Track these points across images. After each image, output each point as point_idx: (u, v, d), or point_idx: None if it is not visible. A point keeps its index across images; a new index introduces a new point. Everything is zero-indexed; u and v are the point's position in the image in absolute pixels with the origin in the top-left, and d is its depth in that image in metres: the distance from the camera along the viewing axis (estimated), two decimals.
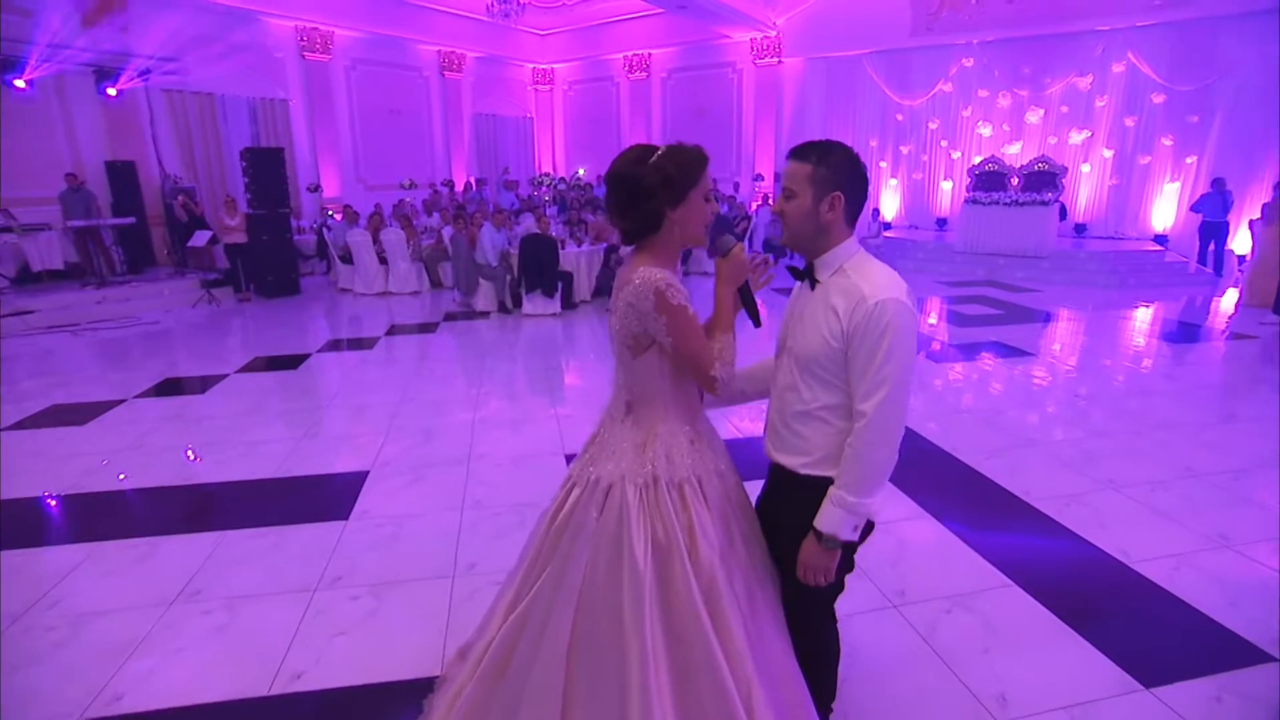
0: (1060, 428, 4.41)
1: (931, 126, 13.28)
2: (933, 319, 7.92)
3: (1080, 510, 3.27)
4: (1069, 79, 11.76)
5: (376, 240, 9.52)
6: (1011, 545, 2.99)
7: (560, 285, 8.03)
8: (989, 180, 11.31)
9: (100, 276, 9.00)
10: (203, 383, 5.57)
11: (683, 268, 1.37)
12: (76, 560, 2.92)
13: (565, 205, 12.85)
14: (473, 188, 13.89)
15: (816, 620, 1.67)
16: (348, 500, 3.45)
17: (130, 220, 9.60)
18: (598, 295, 8.77)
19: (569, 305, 8.33)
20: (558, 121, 17.66)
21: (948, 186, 13.39)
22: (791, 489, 1.56)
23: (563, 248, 8.24)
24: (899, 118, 13.57)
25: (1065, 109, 11.99)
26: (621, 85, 16.23)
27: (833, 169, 1.43)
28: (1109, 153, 11.86)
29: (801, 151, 1.47)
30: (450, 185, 13.80)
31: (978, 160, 11.98)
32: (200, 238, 9.30)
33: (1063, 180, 11.05)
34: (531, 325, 7.69)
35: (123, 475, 3.80)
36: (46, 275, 9.03)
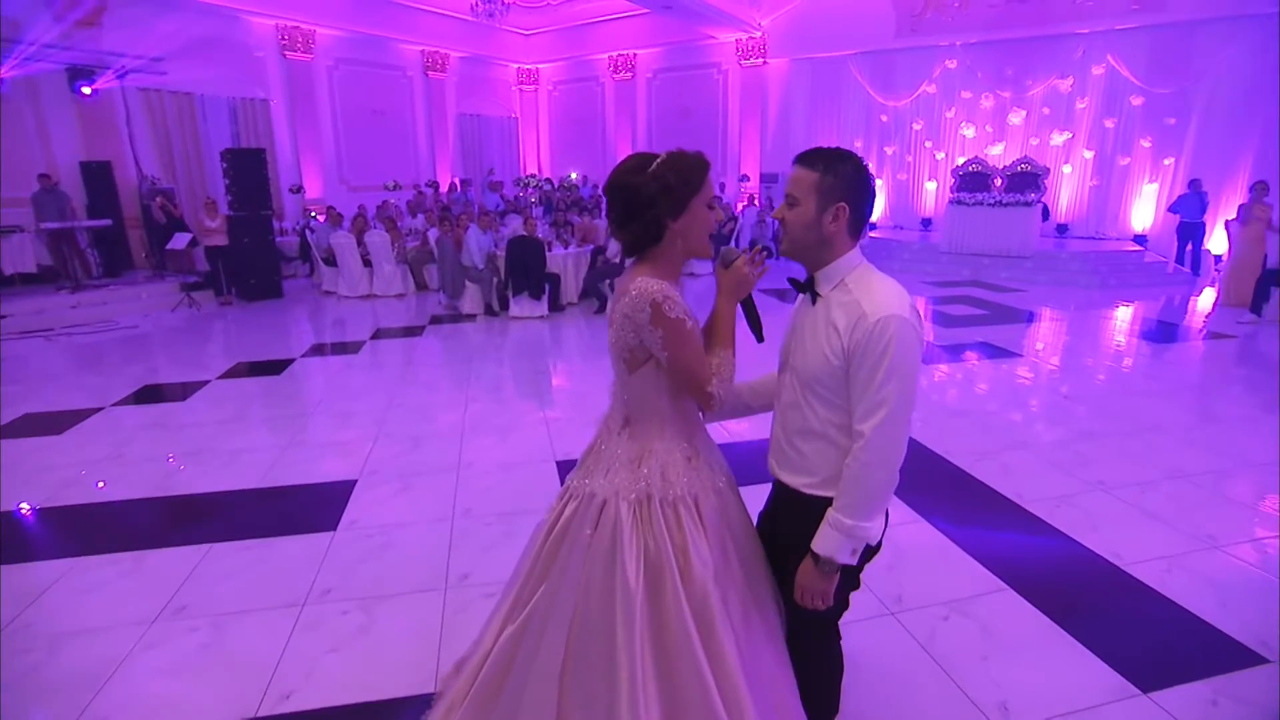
0: (1049, 429, 4.44)
1: (916, 127, 13.39)
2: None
3: (1071, 512, 3.29)
4: (1050, 81, 11.90)
5: (361, 242, 9.40)
6: (1005, 548, 2.99)
7: (547, 287, 7.98)
8: (973, 181, 11.41)
9: (75, 280, 8.79)
10: (184, 389, 5.45)
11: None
12: (53, 577, 2.83)
13: (551, 206, 12.79)
14: (457, 189, 13.78)
15: (819, 637, 1.64)
16: (335, 510, 3.38)
17: (106, 222, 9.38)
18: (585, 297, 8.72)
19: (556, 307, 8.29)
20: (542, 122, 17.57)
21: (932, 187, 13.51)
22: (796, 508, 1.52)
23: (549, 249, 8.20)
24: (883, 118, 13.66)
25: (1047, 110, 12.14)
26: (607, 86, 16.18)
27: (840, 179, 1.37)
28: (1089, 154, 12.02)
29: (809, 158, 1.41)
30: (435, 186, 13.67)
31: (961, 161, 12.09)
32: (180, 240, 9.11)
33: (1045, 181, 11.19)
34: (519, 328, 7.63)
35: (101, 485, 3.70)
36: (19, 279, 8.80)
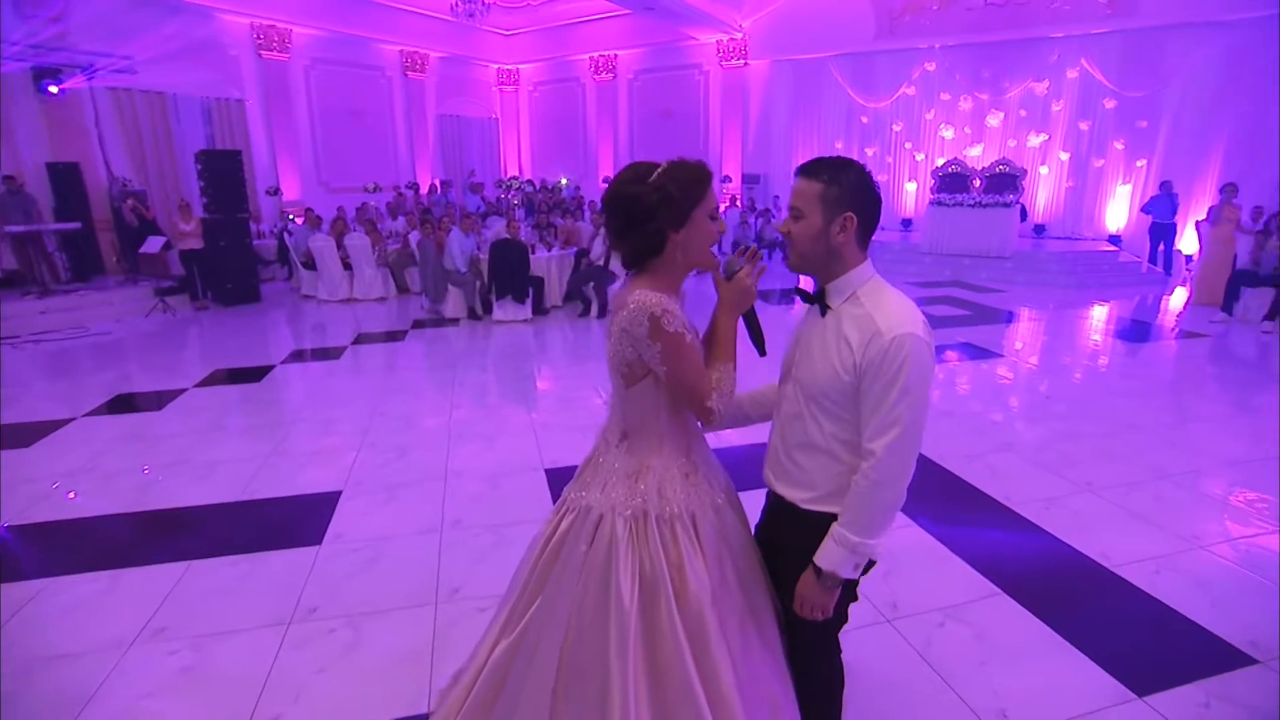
0: (1034, 430, 4.48)
1: (896, 129, 13.52)
2: None
3: (1059, 513, 3.32)
4: (1026, 83, 12.09)
5: (341, 245, 9.25)
6: (996, 551, 3.01)
7: (531, 291, 7.92)
8: (952, 182, 11.55)
9: (43, 285, 8.53)
10: (159, 398, 5.31)
11: None
12: (24, 599, 2.72)
13: (533, 208, 12.70)
14: (437, 190, 13.63)
15: (818, 651, 1.63)
16: (320, 523, 3.30)
17: (75, 225, 9.10)
18: (569, 300, 8.67)
19: (540, 311, 8.22)
20: (523, 123, 17.45)
21: (912, 188, 13.65)
22: (792, 521, 1.51)
23: (533, 252, 8.13)
24: (864, 120, 13.77)
25: (1024, 113, 12.33)
26: (588, 86, 16.12)
27: (845, 188, 1.34)
28: (1065, 155, 12.23)
29: (811, 169, 1.38)
30: (415, 188, 13.52)
31: (941, 162, 12.23)
32: (153, 244, 8.89)
33: (1023, 182, 11.35)
34: (503, 332, 7.55)
35: (74, 499, 3.58)
36: None
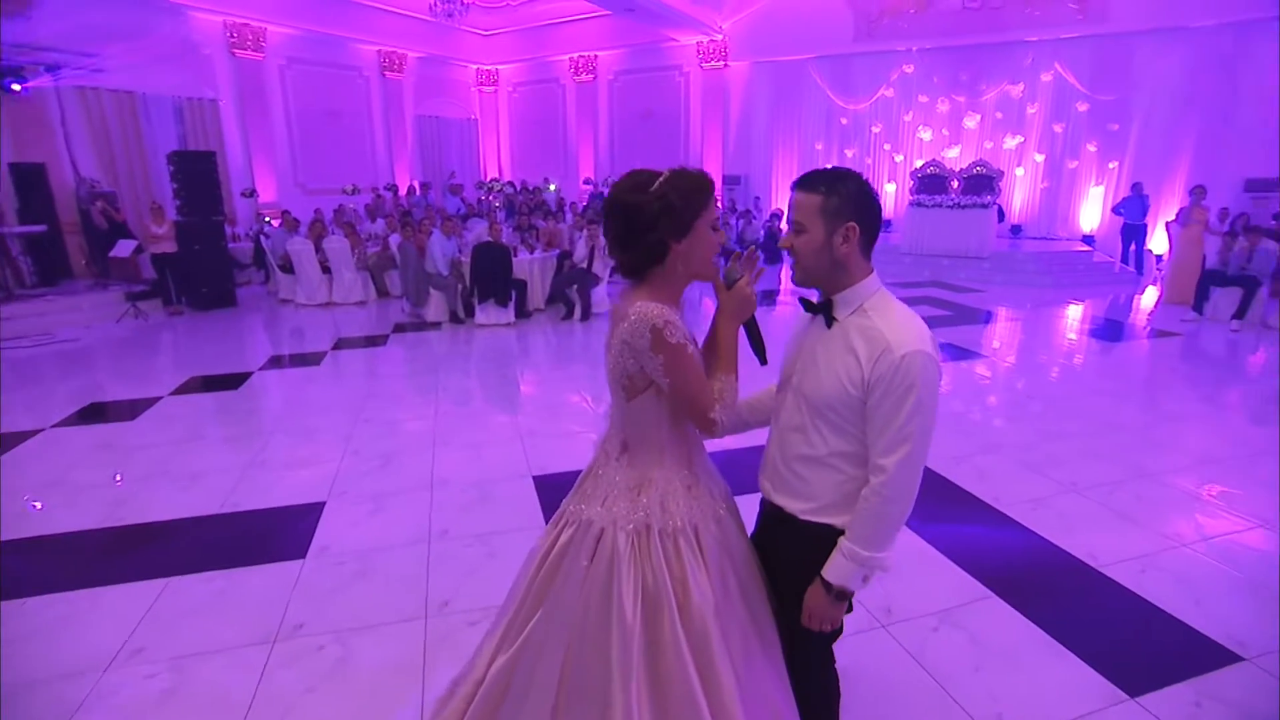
0: (1017, 430, 4.54)
1: (875, 130, 13.65)
2: None
3: (1046, 514, 3.35)
4: (1002, 86, 12.29)
5: (319, 248, 9.09)
6: (987, 553, 3.03)
7: (514, 294, 7.85)
8: (931, 183, 11.69)
9: (6, 289, 8.28)
10: (132, 407, 5.16)
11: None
12: None
13: (514, 210, 12.61)
14: (416, 192, 13.47)
15: (816, 662, 1.63)
16: (304, 535, 3.22)
17: (41, 228, 8.85)
18: (551, 303, 8.61)
19: (523, 314, 8.15)
20: (503, 124, 17.32)
21: (891, 189, 13.78)
22: (790, 532, 1.50)
23: (515, 255, 8.06)
24: (843, 121, 13.89)
25: (1000, 115, 12.53)
26: (568, 87, 16.04)
27: (844, 198, 1.33)
28: (1040, 157, 12.45)
29: (809, 181, 1.36)
30: (394, 189, 13.35)
31: (920, 164, 12.37)
32: (124, 247, 8.64)
33: (999, 183, 11.53)
34: (485, 336, 7.48)
35: (44, 513, 3.46)
36: None
